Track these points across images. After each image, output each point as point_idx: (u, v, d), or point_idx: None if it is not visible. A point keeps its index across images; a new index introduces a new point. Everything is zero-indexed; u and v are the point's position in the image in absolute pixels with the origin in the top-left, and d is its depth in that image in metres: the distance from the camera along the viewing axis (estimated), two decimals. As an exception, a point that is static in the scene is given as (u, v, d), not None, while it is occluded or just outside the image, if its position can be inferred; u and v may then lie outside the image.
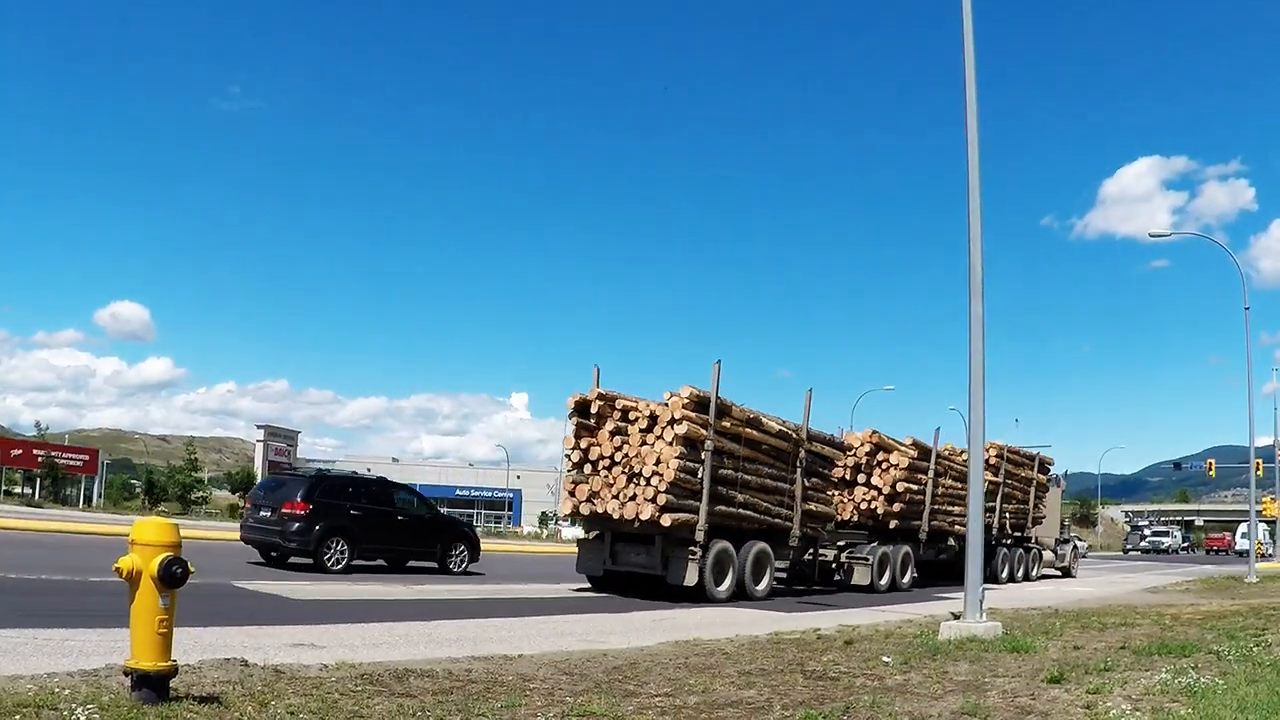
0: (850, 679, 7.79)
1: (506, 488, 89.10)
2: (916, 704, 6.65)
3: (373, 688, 6.36)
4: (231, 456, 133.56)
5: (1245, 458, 41.87)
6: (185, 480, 61.20)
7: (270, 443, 75.47)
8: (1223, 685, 7.30)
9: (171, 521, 5.67)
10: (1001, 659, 9.16)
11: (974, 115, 12.76)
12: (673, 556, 15.67)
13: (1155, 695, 6.96)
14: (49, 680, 5.70)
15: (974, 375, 12.31)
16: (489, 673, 7.42)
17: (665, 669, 8.09)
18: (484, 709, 5.88)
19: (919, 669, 8.41)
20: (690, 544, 15.53)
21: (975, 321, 12.37)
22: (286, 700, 5.69)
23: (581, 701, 6.31)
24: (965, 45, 12.85)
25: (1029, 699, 6.92)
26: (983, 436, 12.55)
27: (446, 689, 6.55)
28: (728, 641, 10.41)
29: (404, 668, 7.31)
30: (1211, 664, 8.76)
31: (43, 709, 4.95)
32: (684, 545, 15.58)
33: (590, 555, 16.91)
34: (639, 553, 16.13)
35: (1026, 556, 27.60)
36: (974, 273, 12.51)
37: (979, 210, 12.63)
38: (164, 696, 5.27)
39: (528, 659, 8.38)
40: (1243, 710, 6.24)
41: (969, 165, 12.71)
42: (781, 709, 6.38)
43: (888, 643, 10.57)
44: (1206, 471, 63.37)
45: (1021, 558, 27.22)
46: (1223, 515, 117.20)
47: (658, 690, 6.98)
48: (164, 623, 5.24)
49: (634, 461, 15.70)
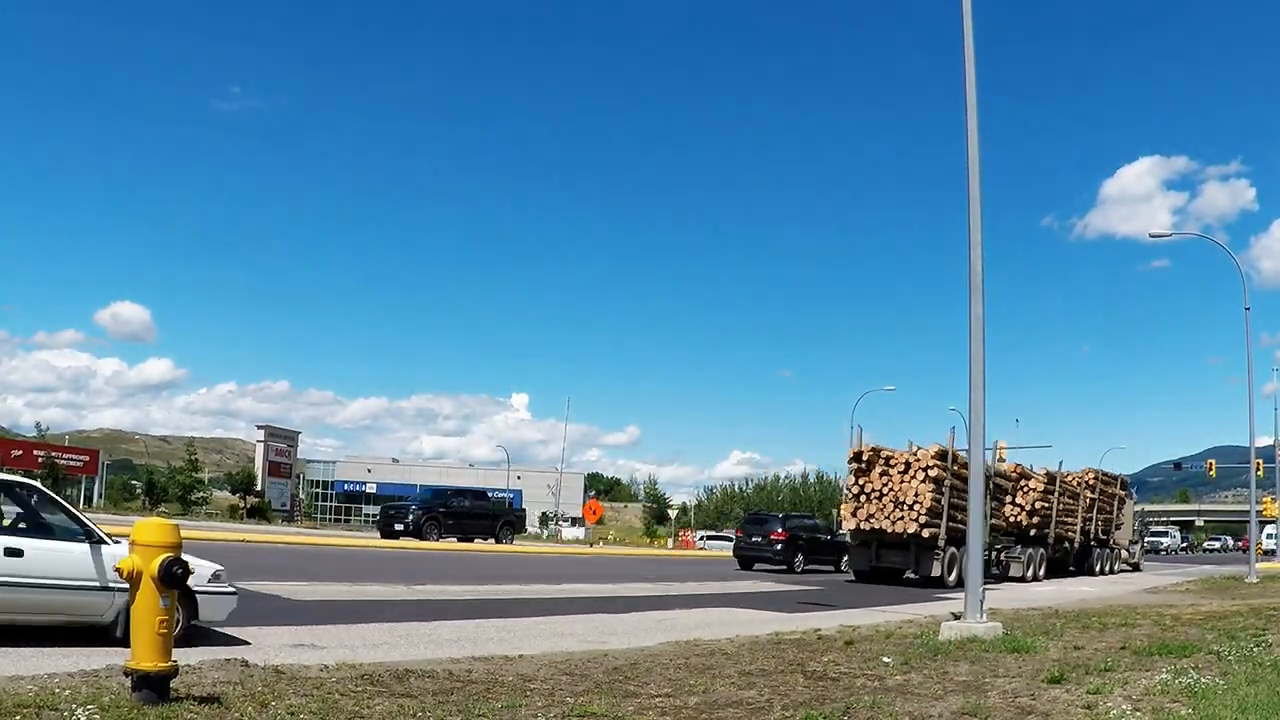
0: (851, 679, 7.78)
1: (507, 488, 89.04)
2: (917, 704, 6.65)
3: (373, 688, 6.36)
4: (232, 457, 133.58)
5: (1245, 458, 41.84)
6: (186, 481, 61.25)
7: (270, 443, 75.51)
8: (1223, 686, 7.30)
9: (172, 522, 5.68)
10: (1002, 659, 9.15)
11: (974, 115, 12.76)
12: (922, 557, 23.16)
13: (1155, 696, 6.96)
14: (49, 681, 5.71)
15: (974, 375, 12.31)
16: (489, 673, 7.43)
17: (666, 669, 8.09)
18: (484, 709, 5.88)
19: (919, 669, 8.40)
20: (934, 549, 22.94)
21: (975, 322, 12.37)
22: (287, 700, 5.69)
23: (582, 702, 6.31)
24: (965, 45, 12.85)
25: (1029, 699, 6.91)
26: (983, 436, 12.56)
27: (447, 689, 6.55)
28: (728, 642, 10.41)
29: (404, 668, 7.31)
30: (1212, 664, 8.75)
31: (43, 709, 4.95)
32: (929, 549, 22.93)
33: (859, 556, 24.60)
34: (897, 555, 23.62)
35: (1111, 555, 34.29)
36: (974, 273, 12.51)
37: (979, 211, 12.63)
38: (164, 697, 5.27)
39: (528, 659, 8.38)
40: (1243, 711, 6.23)
41: (969, 166, 12.71)
42: (782, 709, 6.38)
43: (888, 643, 10.57)
44: (1207, 472, 63.28)
45: (1108, 556, 33.95)
46: (1223, 515, 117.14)
47: (658, 691, 6.98)
48: (164, 623, 5.24)
49: (898, 493, 22.91)
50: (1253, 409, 32.92)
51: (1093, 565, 32.32)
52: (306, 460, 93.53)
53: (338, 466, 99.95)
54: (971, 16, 12.87)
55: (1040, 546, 28.42)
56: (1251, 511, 37.97)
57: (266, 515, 63.79)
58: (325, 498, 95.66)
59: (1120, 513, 34.82)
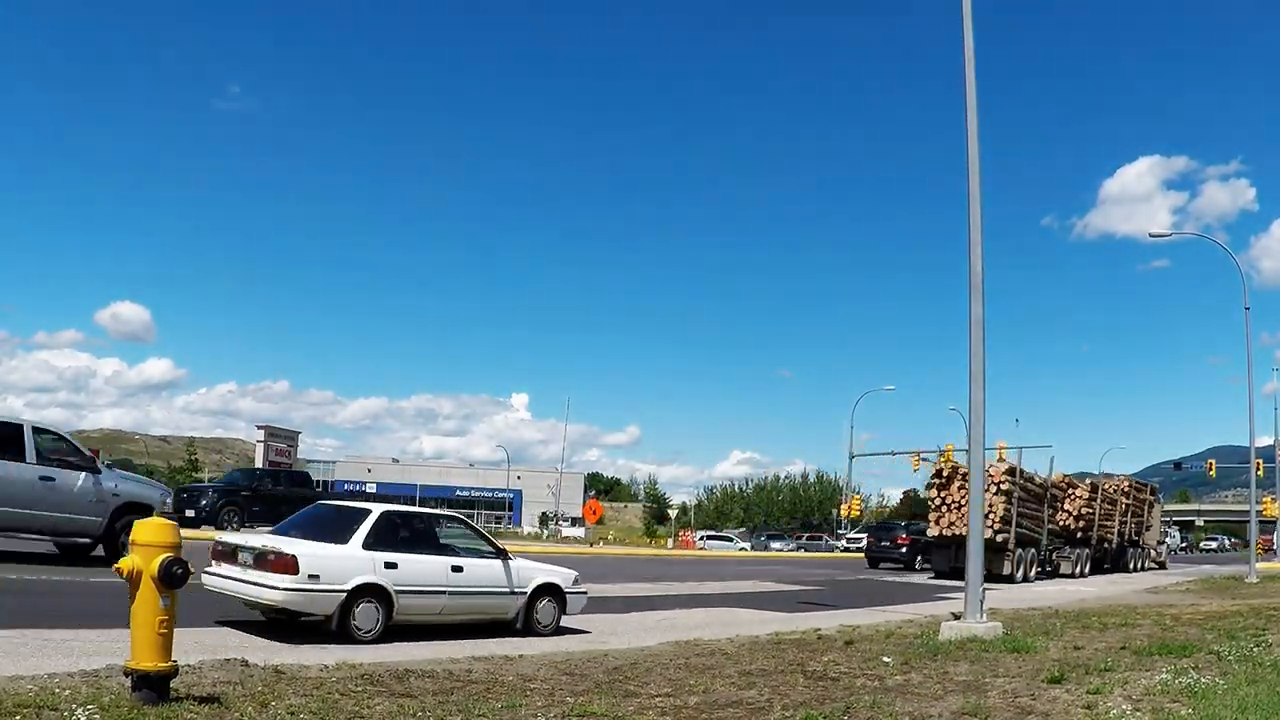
0: (851, 679, 7.79)
1: (507, 488, 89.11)
2: (917, 704, 6.65)
3: (373, 688, 6.36)
4: (232, 457, 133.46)
5: (1245, 458, 41.87)
6: (186, 481, 61.32)
7: (270, 443, 75.45)
8: (1223, 685, 7.30)
9: (172, 522, 5.67)
10: (1002, 659, 9.15)
11: (974, 115, 12.76)
12: (994, 558, 25.41)
13: (1156, 695, 6.96)
14: (50, 680, 5.70)
15: (974, 375, 12.32)
16: (489, 673, 7.43)
17: (666, 669, 8.09)
18: (484, 709, 5.88)
19: (919, 669, 8.40)
20: (1005, 550, 26.44)
21: (975, 322, 12.37)
22: (287, 700, 5.69)
23: (582, 702, 6.31)
24: (965, 45, 12.85)
25: (1029, 699, 6.92)
26: (983, 436, 12.55)
27: (447, 689, 6.55)
28: (728, 642, 10.41)
29: (404, 668, 7.31)
30: (1212, 664, 8.76)
31: (43, 709, 4.95)
32: (1001, 551, 26.15)
33: (940, 558, 28.28)
34: None
35: (1142, 554, 37.92)
36: (974, 273, 12.52)
37: (979, 212, 12.64)
38: (165, 697, 5.27)
39: (528, 659, 8.39)
40: (1243, 710, 6.24)
41: (969, 166, 12.72)
42: (782, 709, 6.39)
43: (888, 643, 10.57)
44: (1207, 472, 63.30)
45: (1139, 555, 37.58)
46: (1223, 515, 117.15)
47: (658, 691, 6.98)
48: (164, 623, 5.23)
49: None
50: (1253, 409, 32.98)
51: (1127, 563, 35.84)
52: (307, 460, 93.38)
53: (338, 466, 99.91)
54: (971, 17, 12.87)
55: (1085, 547, 32.03)
56: (1251, 511, 37.99)
57: (266, 515, 63.79)
58: (325, 498, 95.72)
59: (1150, 516, 38.45)
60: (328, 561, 9.18)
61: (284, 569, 8.88)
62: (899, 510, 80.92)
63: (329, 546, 9.41)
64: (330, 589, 9.08)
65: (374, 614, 9.34)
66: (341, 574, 9.21)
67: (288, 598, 8.90)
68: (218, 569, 9.48)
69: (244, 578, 9.12)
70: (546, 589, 11.16)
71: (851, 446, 64.60)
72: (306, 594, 8.97)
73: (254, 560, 9.14)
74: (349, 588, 9.17)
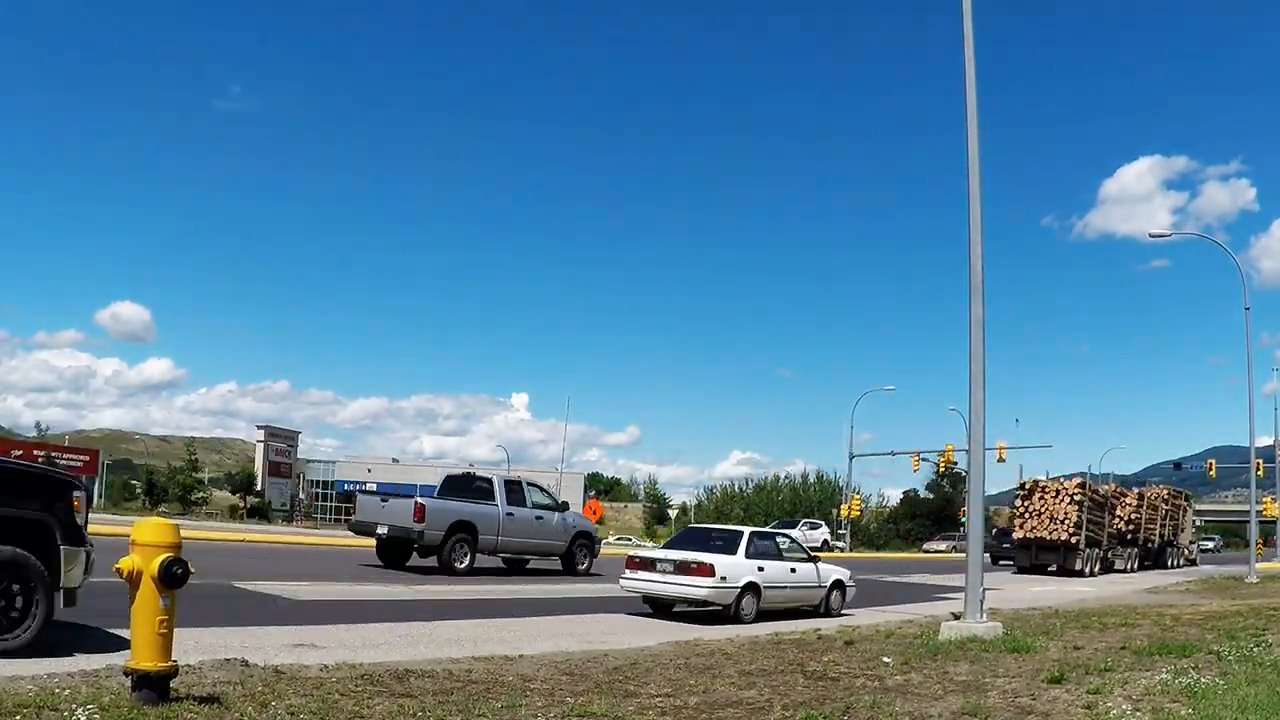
0: (850, 679, 7.78)
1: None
2: (917, 704, 6.65)
3: (373, 688, 6.36)
4: (232, 457, 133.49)
5: (1245, 458, 41.83)
6: (186, 481, 61.23)
7: (270, 443, 75.49)
8: (1223, 685, 7.30)
9: (172, 522, 5.67)
10: (1002, 659, 9.16)
11: (974, 115, 12.76)
12: (1070, 557, 31.46)
13: (1155, 695, 6.96)
14: (49, 681, 5.70)
15: (974, 375, 12.31)
16: (489, 673, 7.42)
17: (665, 669, 8.09)
18: (484, 709, 5.87)
19: (919, 669, 8.40)
20: (1079, 550, 31.37)
21: (975, 322, 12.37)
22: (287, 701, 5.68)
23: (582, 702, 6.31)
24: (965, 45, 12.85)
25: (1029, 699, 6.92)
26: (983, 436, 12.55)
27: (447, 689, 6.55)
28: (728, 642, 10.41)
29: (404, 668, 7.30)
30: (1212, 664, 8.76)
31: (43, 709, 4.94)
32: (1075, 551, 31.35)
33: (1022, 557, 32.79)
34: (1049, 555, 32.13)
35: (1177, 554, 42.83)
36: (974, 273, 12.51)
37: (979, 212, 12.63)
38: (164, 697, 5.26)
39: (528, 659, 8.38)
40: (1243, 710, 6.24)
41: (969, 166, 12.71)
42: (782, 709, 6.39)
43: (888, 643, 10.57)
44: (1207, 472, 63.18)
45: (1175, 554, 42.45)
46: (1223, 516, 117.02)
47: (658, 691, 6.98)
48: (164, 623, 5.23)
49: (1052, 511, 31.65)
50: (1253, 409, 33.06)
51: (1166, 561, 40.71)
52: (306, 460, 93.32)
53: (338, 466, 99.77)
54: (971, 16, 12.87)
55: (1135, 547, 36.82)
56: (1251, 511, 38.03)
57: (267, 515, 63.77)
58: (325, 498, 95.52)
59: (1184, 519, 43.65)
60: (729, 567, 13.02)
61: (706, 573, 12.77)
62: (899, 510, 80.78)
63: (724, 557, 13.13)
64: (731, 586, 12.97)
65: (753, 603, 13.29)
66: (736, 576, 13.08)
67: (709, 594, 12.82)
68: (635, 575, 13.41)
69: (667, 580, 13.00)
70: (838, 584, 15.27)
71: (851, 446, 64.57)
72: (719, 590, 12.84)
73: (674, 568, 12.96)
74: (741, 585, 13.09)
